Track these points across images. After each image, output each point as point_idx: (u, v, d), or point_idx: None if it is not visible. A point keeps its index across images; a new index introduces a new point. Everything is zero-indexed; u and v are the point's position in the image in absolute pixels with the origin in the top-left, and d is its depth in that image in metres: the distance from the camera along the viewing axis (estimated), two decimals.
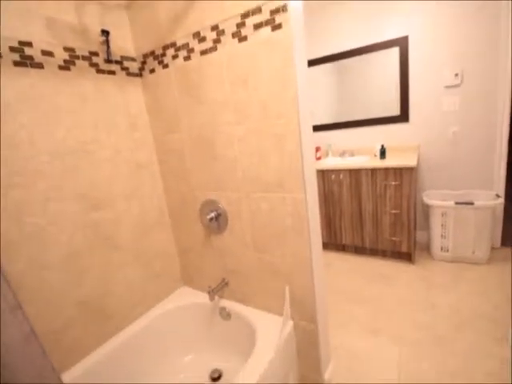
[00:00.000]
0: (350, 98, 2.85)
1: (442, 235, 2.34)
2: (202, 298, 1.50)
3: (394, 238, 2.39)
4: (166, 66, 1.34)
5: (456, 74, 2.32)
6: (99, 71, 1.29)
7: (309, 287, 1.21)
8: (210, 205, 1.38)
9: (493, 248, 2.42)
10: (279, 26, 0.99)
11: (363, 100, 2.78)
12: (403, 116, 2.61)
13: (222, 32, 1.13)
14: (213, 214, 1.36)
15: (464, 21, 2.23)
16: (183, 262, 1.63)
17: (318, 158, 2.99)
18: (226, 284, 1.46)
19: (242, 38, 1.09)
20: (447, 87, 2.38)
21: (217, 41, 1.15)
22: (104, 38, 1.29)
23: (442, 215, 2.28)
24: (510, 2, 2.06)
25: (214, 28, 1.15)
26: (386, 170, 2.28)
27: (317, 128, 3.09)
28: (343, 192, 2.54)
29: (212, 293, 1.36)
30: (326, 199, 2.64)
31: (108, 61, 1.33)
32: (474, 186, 2.47)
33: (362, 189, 2.44)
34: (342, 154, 2.89)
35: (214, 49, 1.17)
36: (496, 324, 1.68)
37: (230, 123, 1.20)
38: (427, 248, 2.58)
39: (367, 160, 2.56)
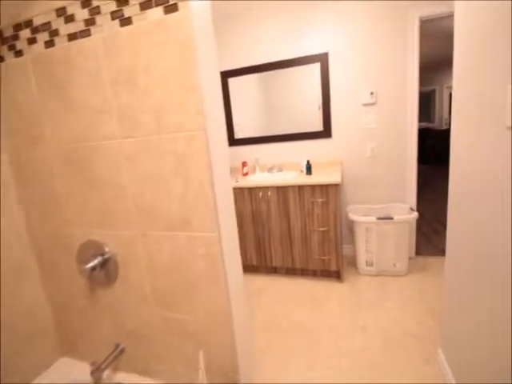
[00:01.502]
0: (277, 112, 2.75)
1: (366, 250, 2.35)
2: (89, 372, 1.08)
3: (323, 257, 2.30)
4: (19, 54, 0.94)
5: (371, 93, 2.40)
6: None
7: (230, 348, 0.93)
8: (92, 248, 1.01)
9: (409, 258, 2.54)
10: (174, 8, 0.72)
11: (289, 114, 2.71)
12: (326, 132, 2.60)
13: (97, 10, 0.81)
14: (97, 261, 0.98)
15: (377, 43, 2.33)
16: (61, 323, 1.19)
17: (246, 174, 2.79)
18: (122, 351, 1.08)
19: (125, 21, 0.78)
20: (364, 105, 2.45)
21: (90, 22, 0.82)
22: None
23: (366, 230, 2.30)
24: (415, 29, 2.22)
25: (86, 4, 0.82)
26: (313, 186, 2.20)
27: (244, 141, 2.90)
28: (271, 210, 2.37)
29: (97, 372, 0.97)
30: (254, 219, 2.44)
31: None
32: (391, 199, 2.58)
33: (290, 206, 2.31)
34: (271, 169, 2.75)
35: (86, 33, 0.83)
36: (422, 342, 1.67)
37: (113, 136, 0.87)
38: (354, 262, 2.58)
39: (295, 176, 2.46)
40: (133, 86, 0.81)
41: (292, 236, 2.36)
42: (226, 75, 2.79)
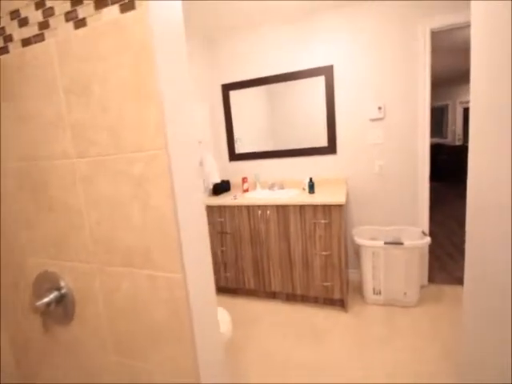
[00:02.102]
0: (280, 126, 2.64)
1: (373, 277, 2.15)
2: None
3: (325, 284, 2.11)
4: None
5: (379, 108, 2.26)
6: None
7: None
8: (48, 281, 0.87)
9: (421, 286, 2.32)
10: (131, 6, 0.61)
11: (292, 129, 2.59)
12: (331, 148, 2.46)
13: (51, 11, 0.70)
14: (52, 296, 0.85)
15: (385, 55, 2.21)
16: (21, 361, 1.05)
17: (246, 190, 2.66)
18: None
19: (80, 22, 0.67)
20: (372, 120, 2.31)
21: (44, 25, 0.72)
22: None
23: (373, 255, 2.10)
24: (426, 42, 2.09)
25: (40, 5, 0.71)
26: (315, 207, 2.04)
27: (245, 156, 2.78)
28: (271, 230, 2.21)
29: None
30: (252, 239, 2.28)
31: None
32: (401, 221, 2.38)
33: (291, 227, 2.15)
34: (272, 186, 2.61)
35: (40, 37, 0.73)
36: None
37: (67, 154, 0.75)
38: (360, 289, 2.38)
39: (296, 194, 2.30)
40: (88, 97, 0.69)
41: (292, 259, 2.18)
42: (227, 88, 2.71)
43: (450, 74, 5.88)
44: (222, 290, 2.52)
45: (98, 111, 0.68)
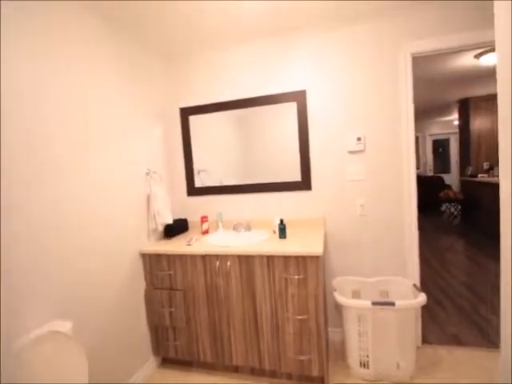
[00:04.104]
0: (248, 158, 2.26)
1: (359, 346, 1.72)
2: None
3: (300, 357, 1.65)
4: None
5: (359, 139, 1.96)
6: None
7: None
8: None
9: (416, 347, 1.92)
10: None
11: (262, 161, 2.22)
12: (305, 183, 2.11)
13: None
14: None
15: (363, 81, 1.95)
16: None
17: (205, 232, 2.21)
18: None
19: None
20: (351, 152, 2.00)
21: None
22: None
23: (359, 319, 1.69)
24: (407, 66, 1.85)
25: None
26: (286, 258, 1.63)
27: (206, 191, 2.36)
28: (232, 287, 1.75)
29: None
30: (208, 297, 1.80)
31: None
32: (387, 271, 2.02)
33: (257, 284, 1.70)
34: (236, 226, 2.18)
35: None
36: None
37: None
38: (343, 354, 1.93)
39: (265, 239, 1.88)
40: None
41: (259, 324, 1.72)
42: (186, 112, 2.34)
43: (418, 107, 5.95)
44: (171, 362, 1.97)
45: None
